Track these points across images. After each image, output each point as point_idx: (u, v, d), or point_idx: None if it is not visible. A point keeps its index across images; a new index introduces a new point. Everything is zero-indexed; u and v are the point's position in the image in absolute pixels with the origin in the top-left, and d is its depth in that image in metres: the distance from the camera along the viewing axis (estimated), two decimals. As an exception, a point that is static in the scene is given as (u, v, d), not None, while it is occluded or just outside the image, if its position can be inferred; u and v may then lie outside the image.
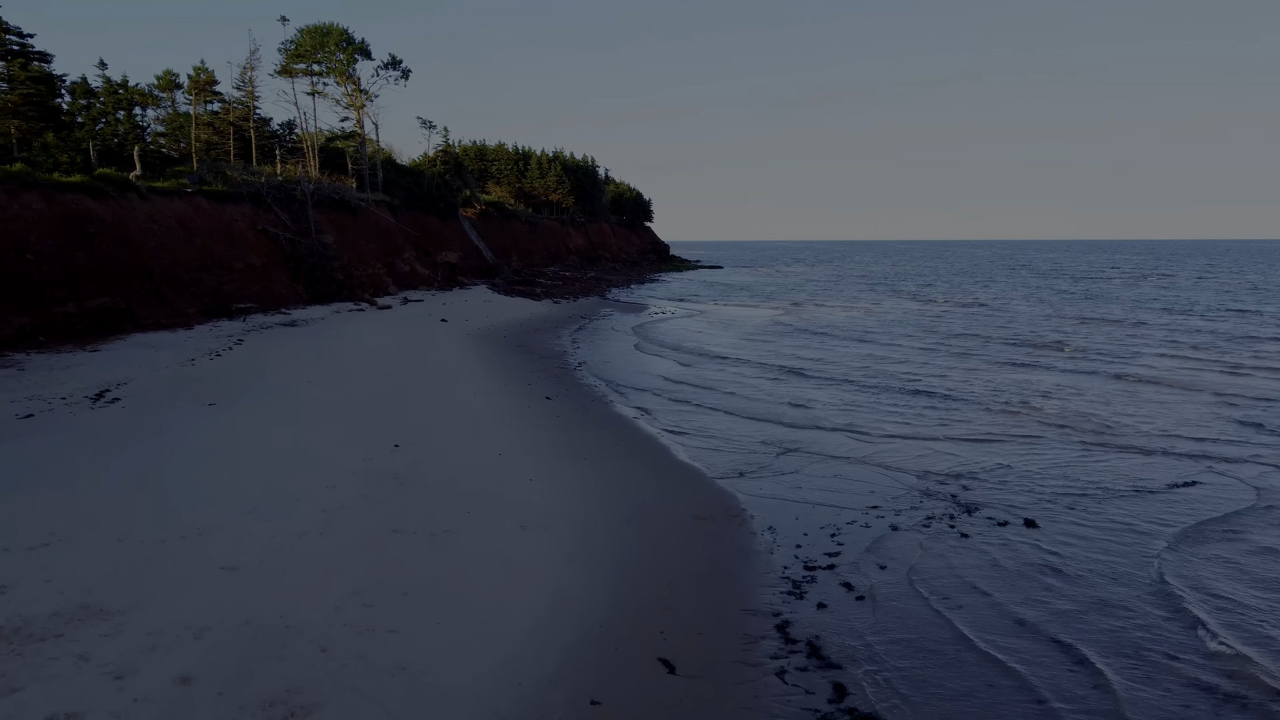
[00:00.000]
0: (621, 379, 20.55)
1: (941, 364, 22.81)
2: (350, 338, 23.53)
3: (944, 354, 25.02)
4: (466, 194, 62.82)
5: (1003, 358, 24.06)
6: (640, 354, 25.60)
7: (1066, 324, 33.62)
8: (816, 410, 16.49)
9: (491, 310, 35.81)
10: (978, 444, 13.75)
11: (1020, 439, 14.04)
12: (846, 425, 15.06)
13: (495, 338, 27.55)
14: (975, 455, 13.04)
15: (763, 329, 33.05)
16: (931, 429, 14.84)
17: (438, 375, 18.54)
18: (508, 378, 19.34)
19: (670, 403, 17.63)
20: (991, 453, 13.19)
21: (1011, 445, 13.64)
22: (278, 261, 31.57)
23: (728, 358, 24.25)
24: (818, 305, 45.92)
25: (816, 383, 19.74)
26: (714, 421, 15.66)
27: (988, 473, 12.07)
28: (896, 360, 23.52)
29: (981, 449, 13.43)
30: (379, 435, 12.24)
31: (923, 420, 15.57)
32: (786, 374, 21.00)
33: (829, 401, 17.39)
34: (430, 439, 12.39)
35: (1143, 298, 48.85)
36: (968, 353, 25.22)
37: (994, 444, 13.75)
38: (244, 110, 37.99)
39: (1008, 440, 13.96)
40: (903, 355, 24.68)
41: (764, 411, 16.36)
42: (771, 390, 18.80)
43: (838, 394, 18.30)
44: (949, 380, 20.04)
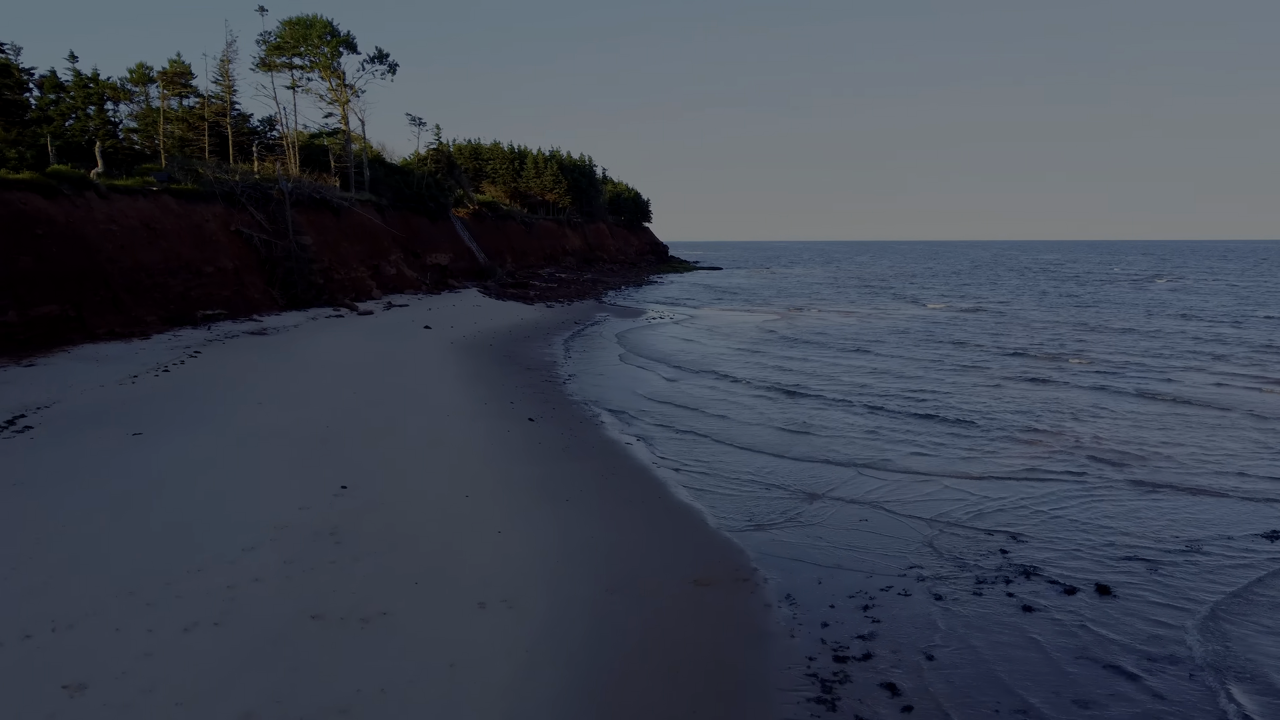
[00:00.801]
0: (614, 396, 18.80)
1: (951, 379, 20.91)
2: (321, 348, 21.76)
3: (952, 367, 23.07)
4: (459, 194, 61.05)
5: (1017, 371, 22.19)
6: (635, 368, 23.85)
7: (1080, 332, 31.67)
8: (823, 439, 14.63)
9: (480, 316, 34.04)
10: (1014, 482, 11.98)
11: (1062, 476, 12.24)
12: (861, 458, 13.23)
13: (481, 347, 25.78)
14: (1014, 497, 11.27)
15: (761, 338, 31.30)
16: (956, 462, 13.03)
17: (410, 393, 16.77)
18: (489, 395, 17.57)
19: (666, 428, 15.87)
20: (1033, 494, 11.42)
21: (1055, 485, 11.85)
22: (252, 264, 29.79)
23: (725, 375, 22.38)
24: (819, 311, 44.20)
25: (818, 404, 17.75)
26: (713, 453, 13.88)
27: (1035, 520, 10.31)
28: (901, 375, 21.53)
29: (1020, 489, 11.66)
30: (326, 473, 10.47)
31: (944, 451, 13.76)
32: (786, 395, 18.93)
33: (835, 428, 15.53)
34: (386, 477, 10.63)
35: (1156, 302, 47.15)
36: (978, 365, 23.28)
37: (1033, 482, 11.97)
38: (220, 105, 36.18)
39: (1049, 478, 12.17)
40: (907, 369, 22.68)
41: (766, 442, 14.52)
42: (771, 413, 16.92)
43: (843, 418, 16.39)
44: (963, 399, 18.20)
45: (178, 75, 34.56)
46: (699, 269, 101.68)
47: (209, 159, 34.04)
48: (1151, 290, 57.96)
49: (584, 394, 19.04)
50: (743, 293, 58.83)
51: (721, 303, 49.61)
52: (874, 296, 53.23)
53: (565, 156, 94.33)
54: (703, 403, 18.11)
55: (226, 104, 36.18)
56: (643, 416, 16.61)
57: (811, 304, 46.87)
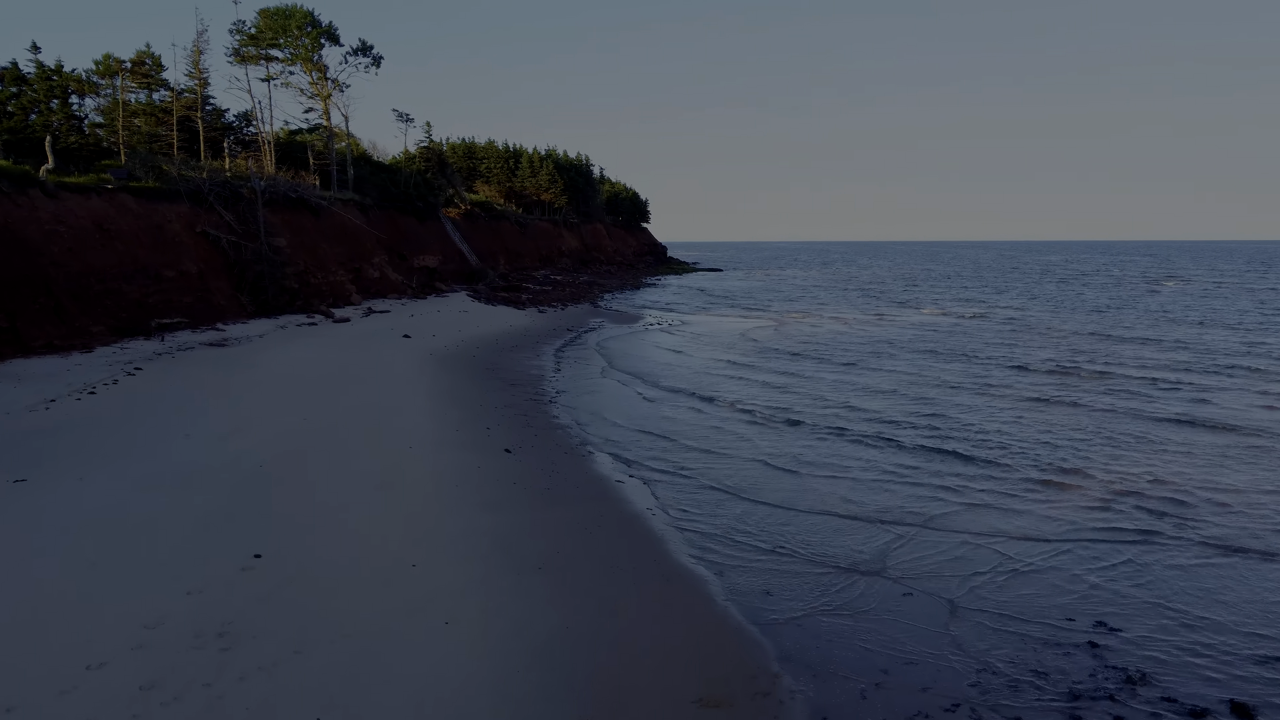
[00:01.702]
0: (606, 420, 16.80)
1: (966, 401, 18.68)
2: (283, 362, 19.73)
3: (965, 385, 20.78)
4: (450, 193, 59.03)
5: (1038, 390, 19.90)
6: (628, 386, 21.86)
7: (1101, 343, 29.35)
8: (834, 483, 12.45)
9: (467, 322, 32.02)
10: (1072, 544, 9.91)
11: (1129, 535, 10.10)
12: (882, 511, 11.06)
13: (463, 358, 23.76)
14: (1079, 566, 9.20)
15: (760, 351, 29.27)
16: (994, 515, 10.81)
17: (372, 417, 14.75)
18: (463, 418, 15.55)
19: (660, 460, 13.88)
20: (1100, 561, 9.37)
21: (1123, 547, 9.74)
22: (218, 268, 27.75)
23: (723, 399, 20.18)
24: (819, 318, 42.25)
25: (823, 436, 15.34)
26: (715, 501, 11.89)
27: (1116, 601, 8.28)
28: (909, 397, 19.21)
29: (1082, 555, 9.59)
30: (240, 533, 8.46)
31: (975, 497, 11.63)
32: (790, 425, 16.49)
33: (845, 466, 13.36)
34: (318, 536, 8.62)
35: (1172, 306, 45.19)
36: (994, 384, 20.92)
37: (1095, 544, 9.91)
38: (191, 99, 34.11)
39: (1112, 537, 10.05)
40: (915, 388, 20.35)
41: (774, 488, 12.32)
42: (775, 447, 14.70)
43: (851, 453, 14.15)
44: (982, 427, 15.99)
45: (141, 66, 32.45)
46: (698, 270, 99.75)
47: (178, 156, 31.99)
48: (1163, 293, 56.01)
49: (573, 416, 17.04)
50: (742, 297, 56.86)
51: (721, 309, 47.65)
52: (874, 301, 51.04)
53: (562, 155, 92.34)
54: (699, 432, 16.09)
55: (198, 98, 34.10)
56: (635, 446, 14.60)
57: (811, 310, 44.67)
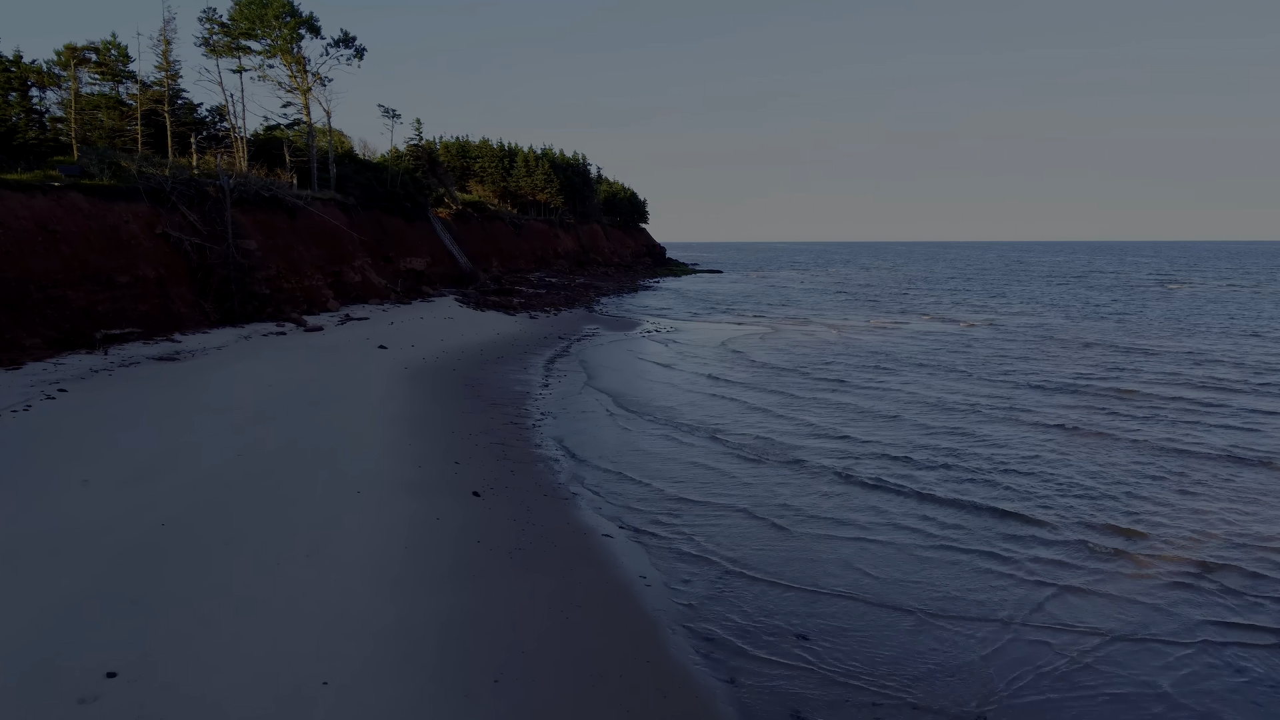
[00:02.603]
0: (596, 450, 14.74)
1: (984, 430, 16.20)
2: (237, 380, 17.62)
3: (979, 405, 18.55)
4: (440, 192, 56.94)
5: (1063, 414, 17.50)
6: (622, 409, 19.80)
7: (1134, 357, 26.49)
8: (857, 551, 10.24)
9: (451, 330, 29.92)
10: (1162, 647, 7.86)
11: (1255, 635, 8.03)
12: (921, 594, 8.79)
13: (442, 372, 21.66)
14: (1181, 687, 7.17)
15: (763, 365, 27.17)
16: (1052, 602, 8.60)
17: (324, 449, 12.65)
18: (429, 450, 13.45)
19: (654, 513, 11.81)
20: (1218, 681, 7.32)
21: (1246, 654, 7.71)
22: (180, 273, 25.63)
23: (719, 429, 18.15)
24: (820, 326, 40.22)
25: (826, 478, 12.93)
26: (719, 577, 9.83)
27: None
28: (922, 426, 16.65)
29: (1188, 671, 7.55)
30: (93, 642, 6.36)
31: (1022, 569, 9.41)
32: (790, 466, 14.13)
33: (859, 521, 11.02)
34: (198, 648, 6.51)
35: (1188, 312, 43.10)
36: (1019, 408, 18.31)
37: (1197, 649, 7.88)
38: (158, 92, 31.98)
39: (1222, 638, 8.00)
40: (928, 414, 17.87)
41: (786, 555, 10.14)
42: (781, 495, 12.29)
43: (862, 501, 11.80)
44: (1014, 467, 13.60)
45: (106, 57, 30.30)
46: (698, 272, 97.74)
47: (142, 152, 29.88)
48: (1175, 297, 53.88)
49: (559, 444, 14.95)
50: (741, 302, 54.79)
51: (720, 315, 45.58)
52: (875, 307, 48.66)
53: (558, 155, 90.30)
54: (696, 473, 14.01)
55: (165, 90, 31.97)
56: (627, 488, 12.52)
57: (812, 318, 41.92)
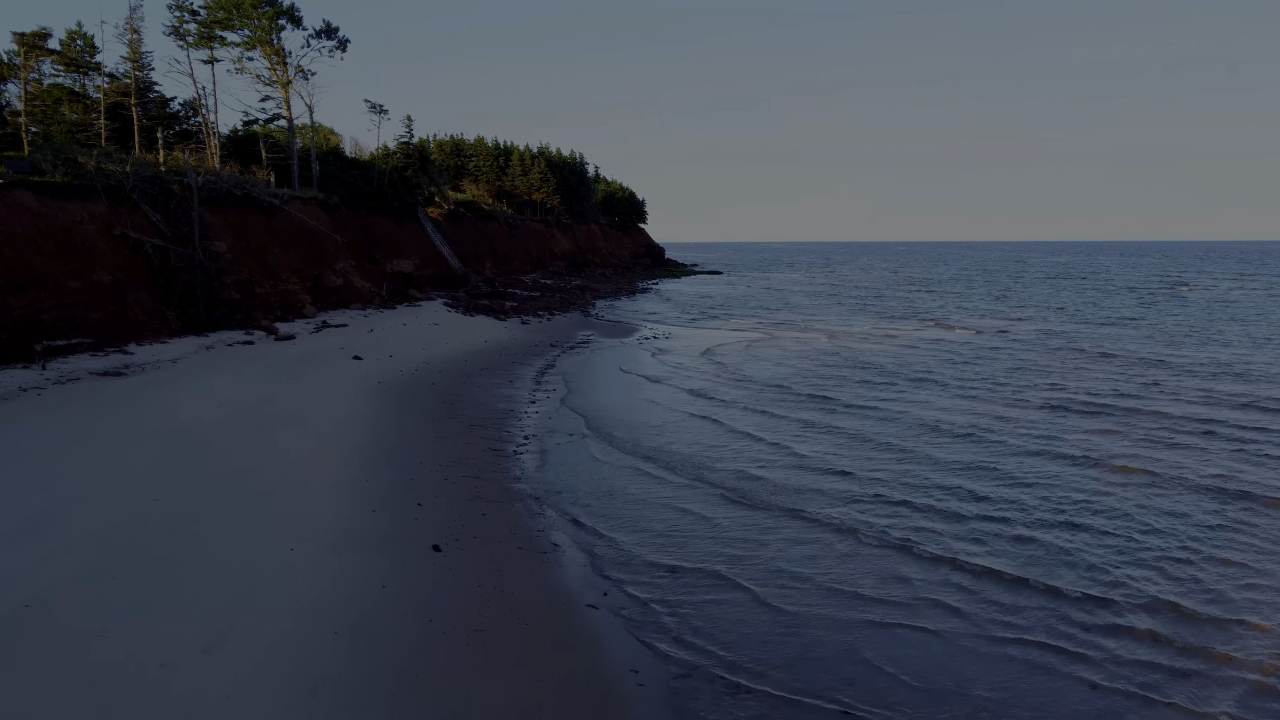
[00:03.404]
0: (585, 486, 12.86)
1: (1015, 466, 13.57)
2: (186, 399, 15.72)
3: (1006, 436, 15.58)
4: (432, 191, 55.04)
5: (1097, 444, 15.11)
6: (619, 437, 17.96)
7: (1174, 374, 23.20)
8: (893, 644, 8.25)
9: (435, 337, 28.03)
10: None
11: None
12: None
13: (419, 386, 19.78)
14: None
15: (767, 383, 25.38)
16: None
17: (262, 489, 10.76)
18: (391, 488, 11.56)
19: (647, 572, 9.95)
20: None
21: None
22: (140, 278, 23.72)
23: (712, 467, 16.33)
24: (820, 333, 38.39)
25: (841, 534, 10.66)
26: (730, 694, 7.97)
27: None
28: (945, 464, 13.77)
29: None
30: None
31: (1126, 684, 7.37)
32: (793, 517, 11.96)
33: (894, 600, 9.11)
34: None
35: (1206, 317, 41.22)
36: (1042, 434, 15.75)
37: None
38: (124, 84, 30.07)
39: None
40: (952, 445, 15.11)
41: (820, 660, 7.92)
42: (794, 559, 10.52)
43: (884, 568, 9.78)
44: (1057, 514, 11.44)
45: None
46: (698, 273, 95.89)
47: (106, 147, 27.99)
48: (1190, 301, 51.93)
49: (543, 476, 13.08)
50: (741, 306, 52.91)
51: (718, 320, 43.70)
52: (877, 312, 46.40)
53: (554, 153, 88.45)
54: (694, 525, 12.16)
55: (133, 83, 30.05)
56: (617, 534, 10.64)
57: (813, 323, 39.56)
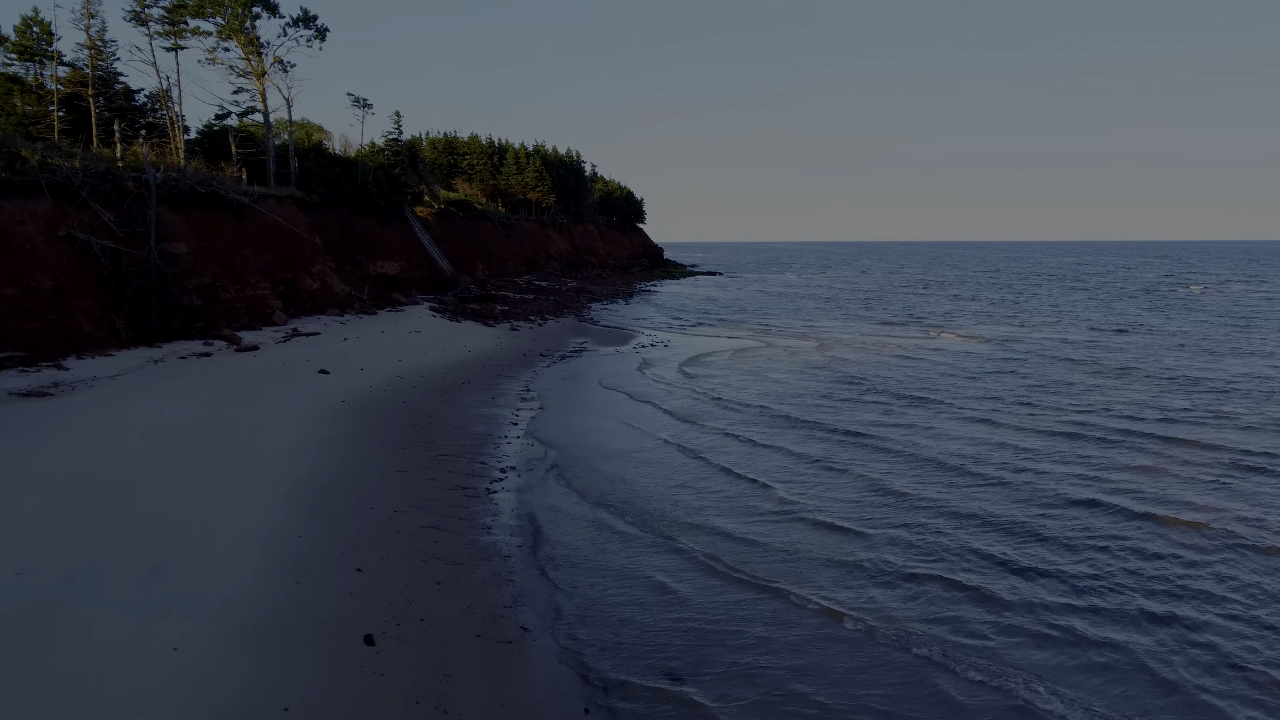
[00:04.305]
0: (574, 542, 10.75)
1: (1063, 527, 11.04)
2: (104, 426, 13.57)
3: (1040, 474, 13.49)
4: (421, 190, 52.90)
5: (1161, 491, 12.80)
6: (614, 472, 15.87)
7: (1225, 399, 19.61)
8: None
9: (414, 347, 25.89)
10: None
11: None
12: None
13: (389, 407, 17.65)
14: None
15: (767, 405, 23.21)
16: None
17: (152, 559, 8.65)
18: (328, 546, 9.43)
19: (644, 671, 7.85)
20: None
21: None
22: (86, 283, 21.57)
23: (699, 525, 14.30)
24: (825, 342, 36.32)
25: (859, 640, 9.18)
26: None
27: None
28: (973, 514, 11.51)
29: None
30: None
31: None
32: (803, 609, 10.59)
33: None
34: None
35: (1228, 323, 39.18)
36: (1088, 475, 13.25)
37: None
38: (82, 74, 27.92)
39: None
40: (972, 487, 12.80)
41: None
42: (813, 683, 8.69)
43: (939, 703, 8.02)
44: (1140, 607, 9.14)
45: (25, 34, 26.17)
46: (697, 274, 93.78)
47: (56, 140, 25.84)
48: (1205, 303, 49.86)
49: (520, 525, 10.96)
50: (741, 311, 50.80)
51: (715, 327, 41.61)
52: (879, 317, 43.65)
53: (551, 152, 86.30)
54: (680, 619, 10.07)
55: (91, 72, 27.89)
56: (602, 609, 8.52)
57: (812, 330, 36.59)
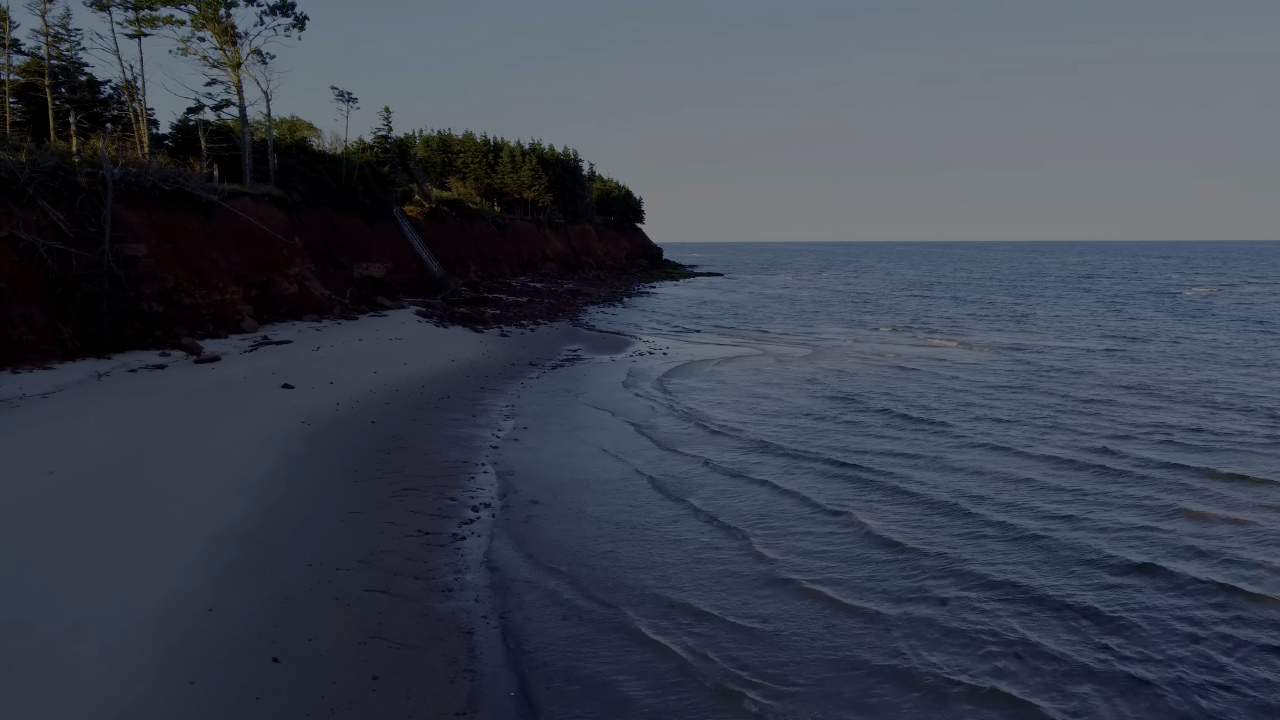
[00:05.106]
0: (538, 605, 8.92)
1: (1140, 611, 8.61)
2: (14, 459, 11.77)
3: (1075, 529, 11.03)
4: (411, 188, 51.13)
5: (1227, 545, 10.78)
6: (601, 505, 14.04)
7: (1243, 411, 18.03)
8: None
9: (395, 356, 24.08)
10: None
11: None
12: None
13: (355, 426, 15.84)
14: None
15: (751, 438, 21.41)
16: None
17: (13, 644, 6.86)
18: (241, 626, 7.62)
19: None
20: None
21: None
22: (29, 288, 19.76)
23: (679, 606, 12.45)
24: (826, 350, 34.52)
25: None
26: None
27: None
28: (1005, 587, 9.06)
29: None
30: None
31: None
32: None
33: None
34: None
35: (1253, 329, 37.44)
36: (1141, 535, 10.57)
37: None
38: (38, 63, 26.11)
39: None
40: (993, 545, 10.31)
41: None
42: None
43: None
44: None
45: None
46: (697, 275, 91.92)
47: (13, 135, 24.03)
48: (1217, 306, 48.03)
49: (489, 584, 9.13)
50: (740, 316, 48.97)
51: (712, 333, 39.74)
52: (883, 323, 41.43)
53: (547, 150, 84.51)
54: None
55: (47, 62, 26.09)
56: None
57: (811, 337, 33.56)
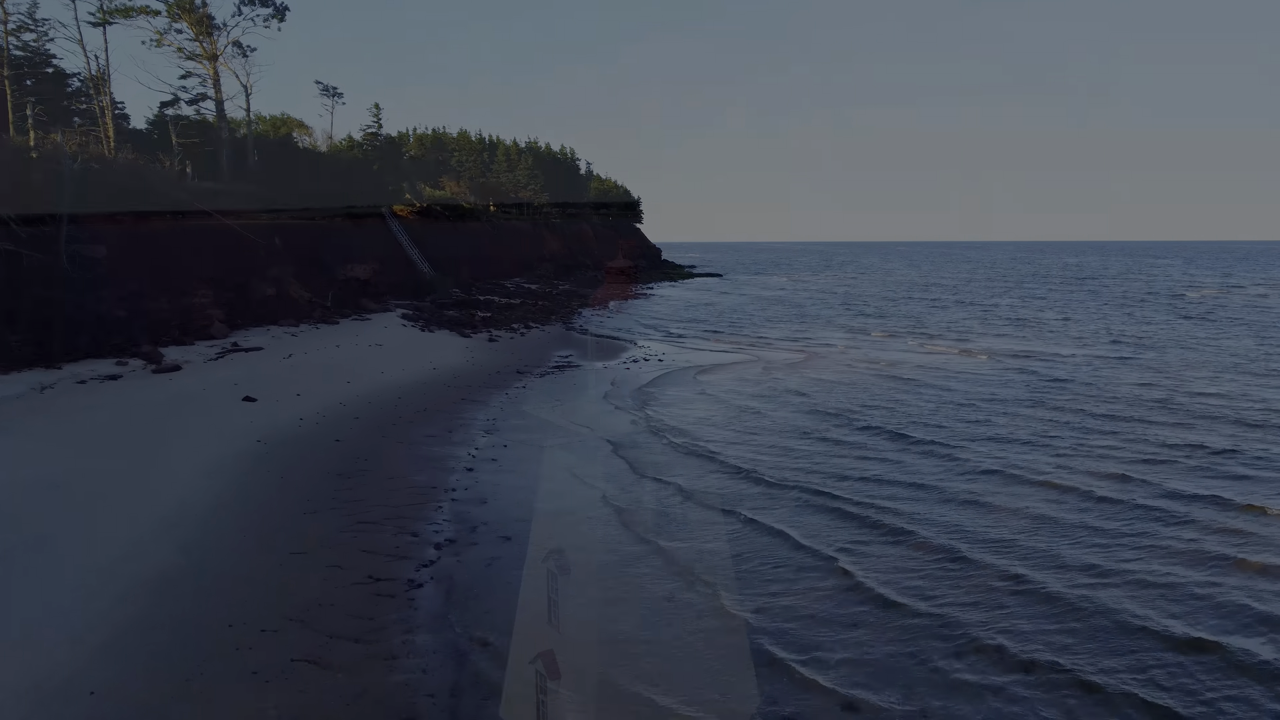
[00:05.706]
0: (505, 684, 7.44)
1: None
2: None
3: (1109, 588, 9.03)
4: (402, 187, 49.70)
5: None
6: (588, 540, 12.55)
7: (1246, 429, 16.41)
8: None
9: (373, 364, 22.63)
10: None
11: None
12: None
13: (317, 445, 14.39)
14: None
15: (742, 466, 19.93)
16: None
17: None
18: (139, 714, 6.20)
19: None
20: None
21: None
22: (-26, 293, 18.36)
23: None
24: (826, 354, 33.04)
25: None
26: None
27: None
28: (1037, 663, 7.41)
29: None
30: None
31: None
32: None
33: None
34: None
35: (1261, 327, 36.02)
36: (1196, 594, 8.96)
37: None
38: None
39: None
40: (1017, 609, 8.44)
41: None
42: None
43: None
44: None
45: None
46: (696, 276, 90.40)
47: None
48: (1229, 309, 46.42)
49: (444, 649, 7.67)
50: (737, 319, 47.51)
51: (710, 339, 38.29)
52: (884, 327, 39.24)
53: (544, 148, 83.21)
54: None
55: (5, 50, 24.61)
56: None
57: (810, 343, 31.54)
